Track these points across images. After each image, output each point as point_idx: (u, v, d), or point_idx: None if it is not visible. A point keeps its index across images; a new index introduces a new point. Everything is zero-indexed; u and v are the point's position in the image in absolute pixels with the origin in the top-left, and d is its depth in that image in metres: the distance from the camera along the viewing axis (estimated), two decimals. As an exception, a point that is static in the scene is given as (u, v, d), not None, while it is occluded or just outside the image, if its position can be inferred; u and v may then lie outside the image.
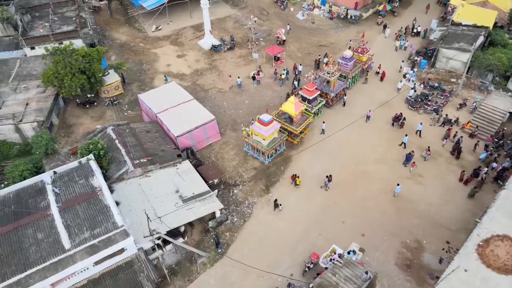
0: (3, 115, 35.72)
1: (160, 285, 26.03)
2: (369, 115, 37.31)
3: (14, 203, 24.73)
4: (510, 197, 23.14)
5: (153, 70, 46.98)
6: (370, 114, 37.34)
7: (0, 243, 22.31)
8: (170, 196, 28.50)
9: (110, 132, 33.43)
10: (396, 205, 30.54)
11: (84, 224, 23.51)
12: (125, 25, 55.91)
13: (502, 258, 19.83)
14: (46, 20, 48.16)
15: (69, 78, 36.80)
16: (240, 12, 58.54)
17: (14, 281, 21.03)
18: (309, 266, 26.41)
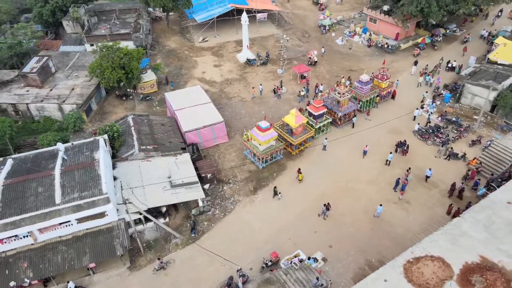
0: (52, 96, 42.24)
1: (134, 254, 29.15)
2: (366, 150, 36.66)
3: (30, 162, 29.75)
4: (461, 225, 22.72)
5: (189, 75, 51.73)
6: (367, 150, 36.64)
7: (10, 190, 27.10)
8: (161, 180, 31.81)
9: (130, 120, 38.03)
10: (373, 225, 30.73)
11: (76, 186, 27.61)
12: (177, 34, 62.07)
13: (426, 276, 19.75)
14: (109, 23, 55.59)
15: (109, 71, 42.48)
16: (283, 32, 61.85)
17: (10, 221, 25.52)
18: (267, 263, 27.81)
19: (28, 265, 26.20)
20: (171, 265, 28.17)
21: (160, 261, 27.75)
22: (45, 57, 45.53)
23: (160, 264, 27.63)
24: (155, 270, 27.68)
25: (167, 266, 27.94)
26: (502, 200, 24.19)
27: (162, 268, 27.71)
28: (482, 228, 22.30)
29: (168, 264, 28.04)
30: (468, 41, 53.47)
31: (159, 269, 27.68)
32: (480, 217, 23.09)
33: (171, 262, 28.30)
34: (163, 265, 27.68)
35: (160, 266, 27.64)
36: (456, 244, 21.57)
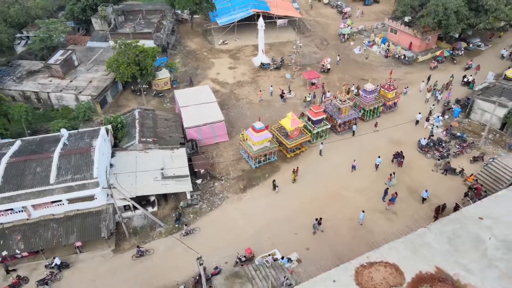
0: (70, 86, 45.28)
1: (120, 238, 30.85)
2: (354, 165, 35.97)
3: (36, 144, 32.28)
4: (425, 235, 22.32)
5: (204, 75, 53.50)
6: (355, 164, 35.99)
7: (12, 168, 29.57)
8: (154, 171, 33.41)
9: (136, 113, 40.11)
10: (354, 232, 30.68)
11: (71, 169, 29.68)
12: (200, 36, 64.28)
13: (375, 281, 19.66)
14: (135, 22, 58.57)
15: (124, 66, 44.99)
16: (303, 39, 62.51)
17: (7, 195, 27.91)
18: (240, 258, 28.55)
19: (21, 238, 28.46)
20: (149, 254, 29.42)
21: (138, 248, 29.10)
22: (70, 51, 48.88)
23: (138, 251, 28.98)
24: (134, 257, 29.06)
25: (146, 254, 29.22)
26: (474, 215, 23.58)
27: (141, 255, 29.02)
28: (445, 241, 21.90)
29: (147, 253, 29.32)
30: (470, 67, 50.84)
31: (138, 256, 29.04)
32: (446, 230, 22.65)
33: (150, 251, 29.60)
34: (141, 252, 28.99)
35: (139, 253, 28.97)
36: (415, 253, 21.34)
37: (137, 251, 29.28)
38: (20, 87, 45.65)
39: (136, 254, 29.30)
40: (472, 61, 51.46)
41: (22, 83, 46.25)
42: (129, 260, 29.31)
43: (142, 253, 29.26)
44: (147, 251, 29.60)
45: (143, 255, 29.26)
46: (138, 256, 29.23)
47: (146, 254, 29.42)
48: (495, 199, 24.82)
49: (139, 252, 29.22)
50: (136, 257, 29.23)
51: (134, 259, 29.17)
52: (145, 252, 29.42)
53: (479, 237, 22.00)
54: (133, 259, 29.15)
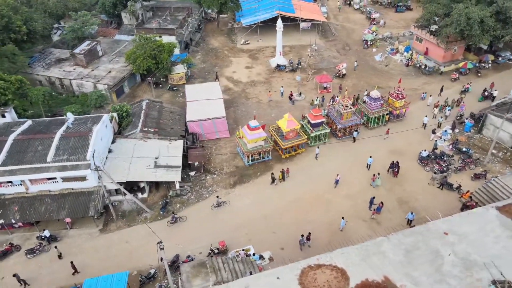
0: (90, 75, 48.21)
1: (108, 219, 32.66)
2: (337, 180, 34.67)
3: (43, 125, 34.91)
4: (382, 244, 21.74)
5: (220, 73, 54.73)
6: (338, 179, 34.69)
7: (17, 144, 32.19)
8: (148, 159, 34.96)
9: (144, 104, 42.07)
10: (332, 237, 30.45)
11: (68, 150, 31.84)
12: (224, 35, 65.79)
13: (318, 283, 19.48)
14: (161, 18, 61.08)
15: (141, 59, 47.23)
16: (325, 43, 62.29)
17: (9, 169, 30.49)
18: (213, 250, 29.30)
19: (18, 209, 30.96)
20: (183, 220, 32.26)
21: (173, 214, 32.19)
22: (95, 42, 51.99)
23: (173, 217, 31.98)
24: (169, 223, 31.94)
25: (180, 220, 32.15)
26: (440, 229, 22.71)
27: (175, 222, 31.87)
28: (402, 252, 21.32)
29: (180, 219, 32.19)
30: (467, 91, 46.98)
31: (173, 222, 31.90)
32: (406, 241, 22.02)
33: (183, 218, 32.39)
34: (175, 219, 31.98)
35: (174, 219, 31.94)
36: (366, 260, 20.97)
37: (172, 217, 31.98)
38: (47, 73, 49.22)
39: (171, 220, 31.94)
40: (470, 84, 47.63)
41: (49, 69, 49.83)
42: (111, 241, 30.93)
43: (176, 219, 31.94)
44: (181, 218, 32.24)
45: (177, 221, 32.00)
46: (173, 222, 31.89)
47: (180, 220, 32.16)
48: (468, 215, 23.78)
49: (174, 218, 31.89)
50: (171, 223, 31.88)
51: (169, 225, 31.88)
52: (179, 218, 32.10)
53: (438, 252, 21.22)
54: (168, 225, 31.86)
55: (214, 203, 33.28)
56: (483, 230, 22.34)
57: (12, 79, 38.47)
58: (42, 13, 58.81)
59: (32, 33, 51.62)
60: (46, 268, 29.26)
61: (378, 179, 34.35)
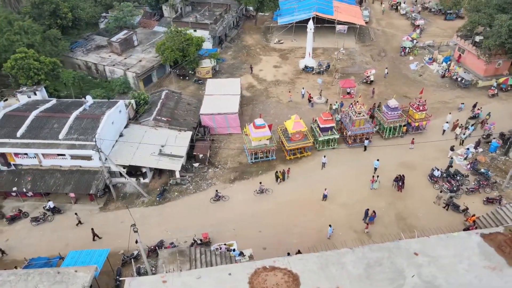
0: (122, 63, 50.93)
1: (109, 199, 34.56)
2: (326, 194, 33.31)
3: (64, 105, 37.62)
4: (345, 256, 20.78)
5: (246, 70, 55.30)
6: (326, 193, 33.29)
7: (37, 120, 34.99)
8: (154, 147, 36.42)
9: (163, 93, 43.79)
10: (317, 243, 29.80)
11: (78, 130, 34.08)
12: (260, 33, 66.20)
13: (266, 284, 19.07)
14: (199, 13, 62.83)
15: (169, 51, 49.07)
16: (360, 48, 60.61)
17: (25, 141, 33.31)
18: (195, 240, 29.98)
19: (30, 180, 33.74)
20: (225, 199, 33.82)
21: (217, 192, 33.70)
22: (131, 32, 54.75)
23: (217, 195, 33.58)
24: (212, 200, 33.64)
25: (223, 199, 33.72)
26: (411, 249, 21.39)
27: (218, 200, 33.50)
28: (363, 266, 20.36)
29: (223, 198, 33.75)
30: (477, 117, 42.48)
31: (216, 199, 33.57)
32: (371, 256, 20.98)
33: (226, 197, 33.93)
34: (219, 197, 33.58)
35: (217, 197, 33.58)
36: (324, 270, 20.29)
37: (216, 194, 33.61)
38: (85, 57, 52.72)
39: (214, 197, 33.61)
40: (480, 109, 43.15)
41: (88, 54, 53.33)
42: (108, 219, 32.70)
43: (219, 197, 33.53)
44: (224, 197, 33.76)
45: (220, 199, 33.57)
46: (216, 199, 33.57)
47: (222, 199, 33.63)
48: (447, 238, 22.14)
49: (217, 196, 33.51)
50: (214, 200, 33.58)
51: (212, 202, 33.55)
52: (222, 197, 33.61)
53: (402, 272, 20.03)
54: (211, 202, 33.56)
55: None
56: (458, 256, 20.79)
57: (46, 61, 41.67)
58: (93, 2, 62.81)
59: (77, 20, 55.44)
60: (47, 235, 31.58)
61: (377, 182, 33.77)
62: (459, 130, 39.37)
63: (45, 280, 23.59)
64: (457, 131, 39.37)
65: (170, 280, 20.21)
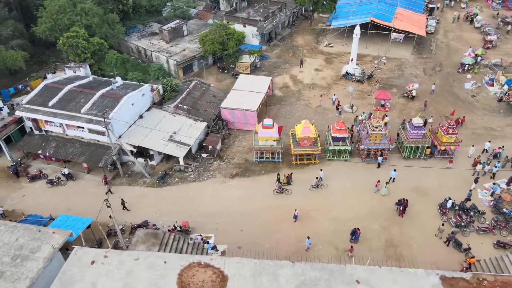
0: (167, 50, 53.70)
1: (117, 175, 37.03)
2: (296, 215, 31.49)
3: (97, 83, 40.96)
4: (283, 269, 19.66)
5: (287, 70, 54.90)
6: (296, 214, 31.50)
7: (69, 93, 38.49)
8: (166, 132, 38.08)
9: (192, 83, 45.46)
10: (292, 253, 28.91)
11: (99, 106, 36.86)
12: (313, 34, 64.98)
13: (193, 279, 18.88)
14: (253, 9, 63.57)
15: (209, 43, 50.66)
16: (414, 59, 56.71)
17: (54, 111, 36.99)
18: (176, 226, 30.92)
19: (54, 146, 37.48)
20: (288, 193, 33.86)
21: (280, 184, 33.84)
22: (182, 22, 57.37)
23: (280, 187, 33.69)
24: (275, 192, 33.77)
25: (285, 192, 33.79)
26: (355, 275, 19.49)
27: (281, 192, 33.64)
28: (297, 283, 18.90)
29: (286, 192, 33.88)
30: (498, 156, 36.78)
31: (279, 192, 33.68)
32: (310, 274, 19.33)
33: (289, 191, 33.92)
34: (282, 189, 33.66)
35: (280, 189, 33.64)
36: (255, 277, 19.43)
37: (279, 186, 33.72)
38: (137, 42, 56.54)
39: (277, 190, 33.73)
40: (502, 148, 37.02)
41: (140, 40, 57.10)
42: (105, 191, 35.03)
43: (282, 190, 33.70)
44: (287, 190, 33.86)
45: (283, 192, 33.78)
46: (279, 192, 33.69)
47: (285, 192, 33.80)
48: (400, 273, 19.98)
49: (280, 188, 33.66)
50: (277, 192, 33.69)
51: (274, 193, 33.69)
52: (285, 190, 33.79)
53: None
54: (274, 194, 33.74)
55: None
56: (405, 294, 18.82)
57: (94, 41, 45.60)
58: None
59: (138, 7, 59.52)
60: (56, 197, 34.88)
61: (385, 188, 32.77)
62: (480, 167, 34.90)
63: (26, 235, 26.20)
64: (477, 168, 34.96)
65: (111, 256, 21.32)
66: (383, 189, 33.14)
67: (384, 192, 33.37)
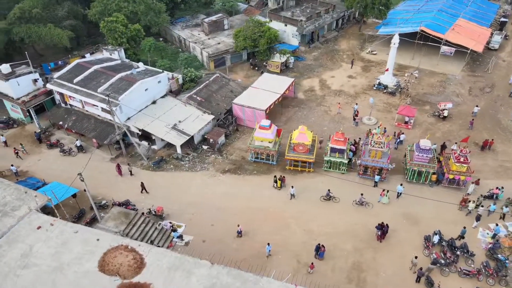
0: (203, 42, 55.29)
1: (121, 154, 39.40)
2: (240, 231, 30.07)
3: (119, 66, 43.68)
4: (200, 268, 19.25)
5: (318, 73, 53.46)
6: (240, 230, 30.04)
7: (93, 73, 41.51)
8: (173, 120, 39.41)
9: (213, 76, 46.44)
10: (251, 256, 28.66)
11: (115, 88, 39.21)
12: (359, 39, 62.29)
13: (112, 260, 19.39)
14: (300, 9, 62.62)
15: (241, 39, 51.21)
16: (464, 77, 51.89)
17: (76, 87, 40.29)
18: (151, 211, 32.12)
19: (73, 119, 40.97)
20: (336, 201, 32.61)
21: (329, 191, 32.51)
22: (224, 16, 58.53)
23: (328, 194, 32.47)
24: (322, 198, 32.61)
25: (333, 200, 32.56)
26: None
27: (328, 199, 32.51)
28: (207, 285, 18.92)
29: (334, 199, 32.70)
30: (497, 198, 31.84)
31: (326, 199, 32.47)
32: (223, 279, 18.98)
33: (337, 199, 32.61)
34: (329, 196, 32.53)
35: (328, 196, 32.44)
36: (170, 271, 19.34)
37: (327, 194, 32.50)
38: (180, 32, 58.97)
39: (325, 196, 32.62)
40: (501, 189, 32.49)
41: (183, 30, 59.47)
42: (109, 169, 37.32)
43: (330, 197, 32.50)
44: (334, 198, 32.66)
45: (330, 199, 32.62)
46: (326, 199, 32.52)
47: (333, 200, 32.56)
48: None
49: (328, 195, 32.48)
50: (324, 199, 32.53)
51: (322, 200, 32.71)
52: (333, 198, 32.53)
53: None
54: (321, 200, 32.81)
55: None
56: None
57: (131, 28, 48.61)
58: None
59: (188, -2, 62.14)
60: (64, 166, 38.13)
61: (386, 196, 32.08)
62: (472, 205, 30.88)
63: (14, 194, 28.99)
64: (470, 207, 30.98)
65: (56, 225, 22.99)
66: (384, 198, 31.87)
67: (385, 201, 32.28)
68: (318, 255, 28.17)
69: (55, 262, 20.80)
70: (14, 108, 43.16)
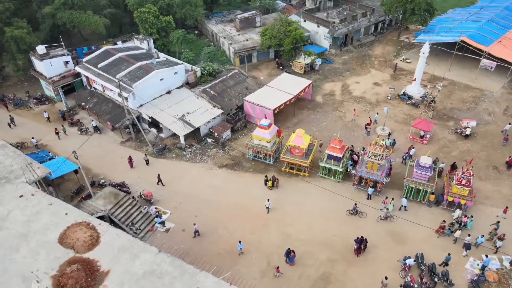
0: (231, 38, 56.08)
1: (129, 138, 41.44)
2: (196, 229, 29.99)
3: (143, 55, 45.72)
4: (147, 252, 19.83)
5: (342, 78, 52.05)
6: (197, 228, 30.03)
7: (117, 60, 43.91)
8: (180, 111, 40.75)
9: (232, 72, 47.14)
10: (224, 250, 29.05)
11: (132, 75, 41.15)
12: (396, 46, 59.60)
13: (72, 235, 20.78)
14: (337, 10, 61.20)
15: (267, 38, 51.33)
16: (502, 94, 48.04)
17: (99, 72, 42.92)
18: (141, 194, 33.54)
19: (94, 101, 43.76)
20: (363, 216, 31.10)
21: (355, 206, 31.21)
22: (256, 13, 58.89)
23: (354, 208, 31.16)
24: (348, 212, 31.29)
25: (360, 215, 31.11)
26: (201, 283, 18.74)
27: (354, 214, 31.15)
28: (147, 270, 19.39)
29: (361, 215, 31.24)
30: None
31: (352, 213, 31.17)
32: (164, 267, 19.53)
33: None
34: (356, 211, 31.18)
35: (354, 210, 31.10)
36: (120, 251, 20.35)
37: (353, 208, 31.17)
38: (213, 26, 60.30)
39: (351, 210, 31.30)
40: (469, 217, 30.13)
41: (216, 24, 60.72)
42: (116, 151, 39.46)
43: (356, 211, 31.12)
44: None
45: (357, 213, 31.20)
46: (352, 213, 31.20)
47: (360, 215, 31.15)
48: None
49: (355, 209, 31.13)
50: (350, 213, 31.22)
51: (348, 214, 31.28)
52: (360, 213, 31.15)
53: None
54: (347, 214, 31.39)
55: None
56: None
57: (162, 19, 50.60)
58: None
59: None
60: (79, 143, 40.75)
61: (391, 204, 31.25)
62: (459, 234, 28.64)
63: (21, 163, 31.76)
64: (456, 235, 28.66)
65: (36, 195, 25.01)
66: (389, 205, 31.20)
67: (390, 208, 31.32)
68: (288, 260, 27.80)
69: (24, 229, 22.69)
70: (48, 86, 46.92)
